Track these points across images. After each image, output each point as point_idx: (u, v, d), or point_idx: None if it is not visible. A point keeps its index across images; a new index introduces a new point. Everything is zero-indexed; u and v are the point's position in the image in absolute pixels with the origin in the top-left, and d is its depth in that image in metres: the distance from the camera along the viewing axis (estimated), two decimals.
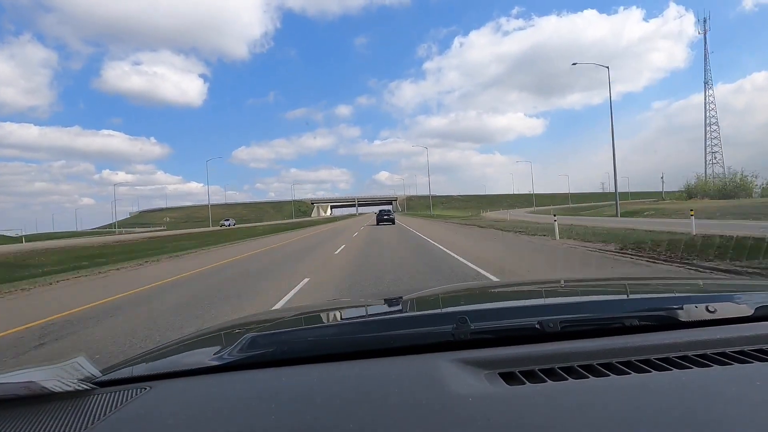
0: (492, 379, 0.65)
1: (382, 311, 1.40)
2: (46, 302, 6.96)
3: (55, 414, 0.63)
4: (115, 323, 4.97)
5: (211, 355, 0.84)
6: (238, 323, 1.29)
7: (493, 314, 0.98)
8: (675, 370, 0.65)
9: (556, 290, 1.54)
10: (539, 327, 0.81)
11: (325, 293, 6.21)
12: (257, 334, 0.89)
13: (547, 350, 0.74)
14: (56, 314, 5.63)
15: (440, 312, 1.20)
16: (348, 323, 1.19)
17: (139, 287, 7.76)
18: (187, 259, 13.81)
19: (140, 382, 0.76)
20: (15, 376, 0.70)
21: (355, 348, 0.82)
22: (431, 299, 1.50)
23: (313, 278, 7.53)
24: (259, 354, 0.80)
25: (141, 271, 11.09)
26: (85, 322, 5.11)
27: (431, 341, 0.81)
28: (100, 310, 5.77)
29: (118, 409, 0.64)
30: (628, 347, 0.74)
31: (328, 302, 2.79)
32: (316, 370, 0.74)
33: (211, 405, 0.65)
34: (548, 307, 1.09)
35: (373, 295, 2.86)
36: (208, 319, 4.76)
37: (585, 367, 0.67)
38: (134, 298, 6.65)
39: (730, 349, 0.72)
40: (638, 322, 0.85)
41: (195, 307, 5.57)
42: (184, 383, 0.75)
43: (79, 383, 0.71)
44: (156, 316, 5.14)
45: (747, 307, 0.88)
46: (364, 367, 0.74)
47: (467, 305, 1.35)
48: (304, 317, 1.30)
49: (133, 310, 5.67)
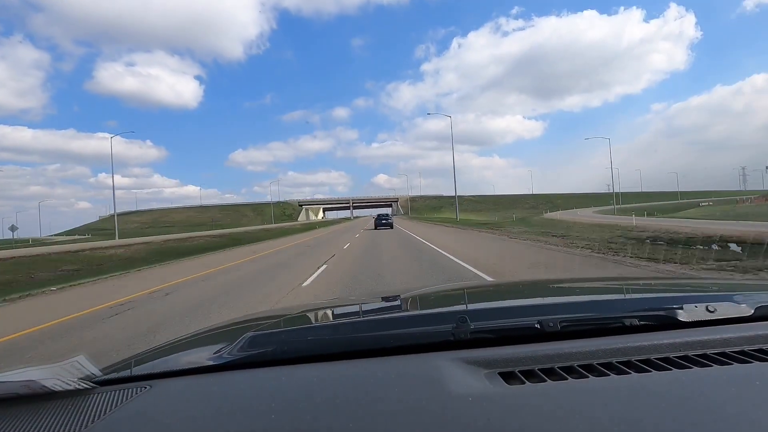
0: (492, 379, 0.65)
1: (381, 310, 1.40)
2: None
3: (56, 413, 0.63)
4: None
5: (211, 354, 0.85)
6: (238, 322, 1.30)
7: (493, 314, 1.00)
8: (675, 370, 0.65)
9: (556, 290, 1.55)
10: (539, 326, 0.81)
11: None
12: (257, 333, 0.90)
13: (547, 350, 0.73)
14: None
15: (440, 311, 1.21)
16: (348, 322, 1.18)
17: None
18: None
19: (140, 381, 0.76)
20: (15, 375, 0.70)
21: (355, 347, 0.82)
22: (431, 299, 1.52)
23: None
24: (259, 353, 0.81)
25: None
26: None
27: (431, 341, 0.80)
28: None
29: (118, 408, 0.64)
30: (628, 347, 0.73)
31: (328, 301, 2.69)
32: (316, 370, 0.74)
33: (211, 404, 0.65)
34: (548, 306, 1.09)
35: (373, 295, 2.59)
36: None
37: (585, 367, 0.67)
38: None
39: (730, 349, 0.72)
40: (638, 322, 0.85)
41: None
42: (183, 382, 0.75)
43: (79, 382, 0.71)
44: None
45: (747, 307, 0.87)
46: (364, 367, 0.74)
47: (467, 305, 1.35)
48: (304, 316, 1.30)
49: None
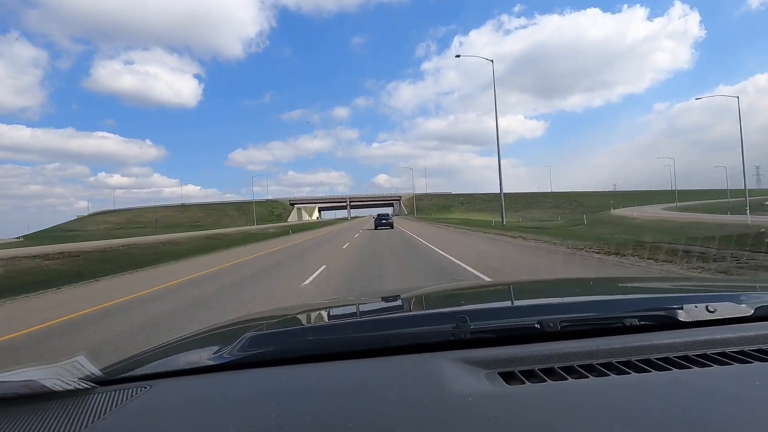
0: (492, 379, 0.65)
1: (382, 310, 1.39)
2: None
3: (56, 413, 0.63)
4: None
5: (211, 354, 0.84)
6: (239, 322, 1.28)
7: (493, 314, 0.99)
8: (675, 370, 0.65)
9: (556, 290, 1.54)
10: (539, 326, 0.81)
11: None
12: (257, 333, 0.90)
13: (547, 350, 0.73)
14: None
15: (440, 311, 1.21)
16: (348, 322, 1.17)
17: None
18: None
19: (140, 381, 0.75)
20: (15, 375, 0.70)
21: (355, 347, 0.81)
22: (431, 298, 1.51)
23: None
24: (259, 353, 0.80)
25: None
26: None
27: (431, 340, 0.80)
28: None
29: (118, 408, 0.64)
30: (628, 347, 0.73)
31: (328, 301, 2.66)
32: (316, 369, 0.73)
33: (211, 404, 0.65)
34: (548, 306, 1.08)
35: (373, 294, 2.51)
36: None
37: (585, 367, 0.67)
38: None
39: (730, 349, 0.72)
40: (638, 322, 0.85)
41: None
42: (184, 382, 0.75)
43: (79, 382, 0.71)
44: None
45: (747, 307, 0.87)
46: (364, 367, 0.74)
47: (467, 305, 1.33)
48: (305, 316, 1.29)
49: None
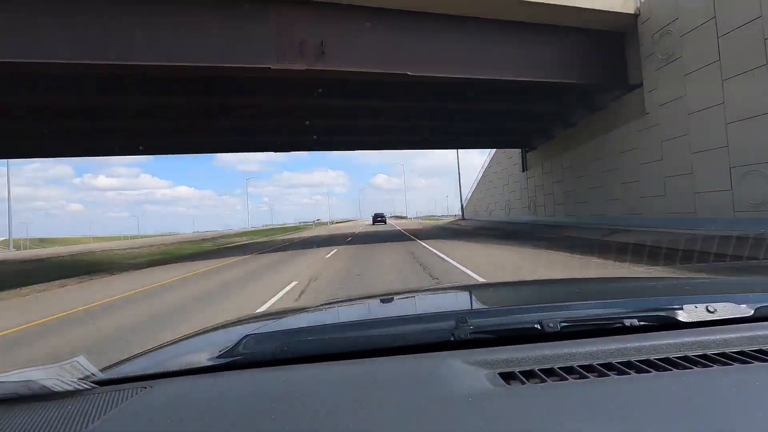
0: (492, 379, 0.65)
1: (381, 310, 1.38)
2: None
3: (55, 413, 0.63)
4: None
5: (209, 354, 0.84)
6: (238, 322, 1.27)
7: (492, 314, 0.99)
8: (675, 370, 0.65)
9: (556, 290, 1.54)
10: (539, 327, 0.81)
11: None
12: (256, 334, 0.89)
13: (548, 350, 0.73)
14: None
15: (440, 312, 1.19)
16: (347, 323, 1.16)
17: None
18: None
19: (139, 382, 0.75)
20: (15, 376, 0.70)
21: (354, 347, 0.81)
22: (431, 298, 1.51)
23: None
24: (257, 353, 0.80)
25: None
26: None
27: (431, 341, 0.80)
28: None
29: (117, 409, 0.64)
30: (628, 347, 0.73)
31: (326, 302, 2.50)
32: (315, 370, 0.73)
33: (210, 405, 0.64)
34: (548, 306, 1.06)
35: (372, 295, 2.27)
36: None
37: (585, 367, 0.67)
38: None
39: (730, 349, 0.72)
40: (638, 322, 0.85)
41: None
42: (182, 383, 0.74)
43: (78, 382, 0.70)
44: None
45: (747, 307, 0.87)
46: (363, 367, 0.73)
47: (467, 305, 1.33)
48: (303, 316, 1.28)
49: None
